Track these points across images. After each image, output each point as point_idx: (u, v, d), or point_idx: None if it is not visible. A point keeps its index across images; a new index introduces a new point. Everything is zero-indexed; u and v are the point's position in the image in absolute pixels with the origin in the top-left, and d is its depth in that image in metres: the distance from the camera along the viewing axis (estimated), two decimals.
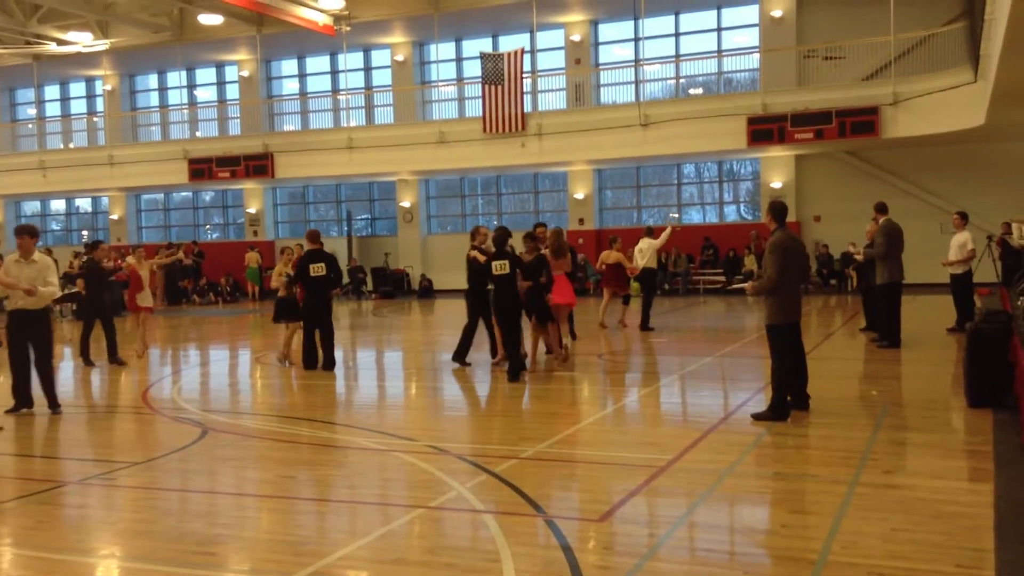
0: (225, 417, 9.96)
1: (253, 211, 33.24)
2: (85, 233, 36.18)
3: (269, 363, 14.44)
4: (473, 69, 29.22)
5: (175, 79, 34.05)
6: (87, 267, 15.26)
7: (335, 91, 32.16)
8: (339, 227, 32.86)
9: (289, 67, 33.63)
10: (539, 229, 13.71)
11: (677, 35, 28.15)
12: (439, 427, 9.31)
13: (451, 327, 14.60)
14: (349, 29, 27.69)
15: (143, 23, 29.33)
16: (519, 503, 6.22)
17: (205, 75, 34.64)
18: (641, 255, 17.06)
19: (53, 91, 37.04)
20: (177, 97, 34.32)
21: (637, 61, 27.28)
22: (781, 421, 8.44)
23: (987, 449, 7.31)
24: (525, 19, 27.13)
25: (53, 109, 37.34)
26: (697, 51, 27.86)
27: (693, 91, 28.28)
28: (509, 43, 28.82)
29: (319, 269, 12.80)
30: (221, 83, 34.37)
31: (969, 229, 14.90)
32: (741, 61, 27.79)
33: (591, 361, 13.41)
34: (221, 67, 34.02)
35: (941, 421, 8.75)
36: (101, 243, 15.35)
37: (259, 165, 29.77)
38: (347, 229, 31.49)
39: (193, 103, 34.69)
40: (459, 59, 30.73)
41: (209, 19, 28.06)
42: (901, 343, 13.24)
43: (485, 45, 29.40)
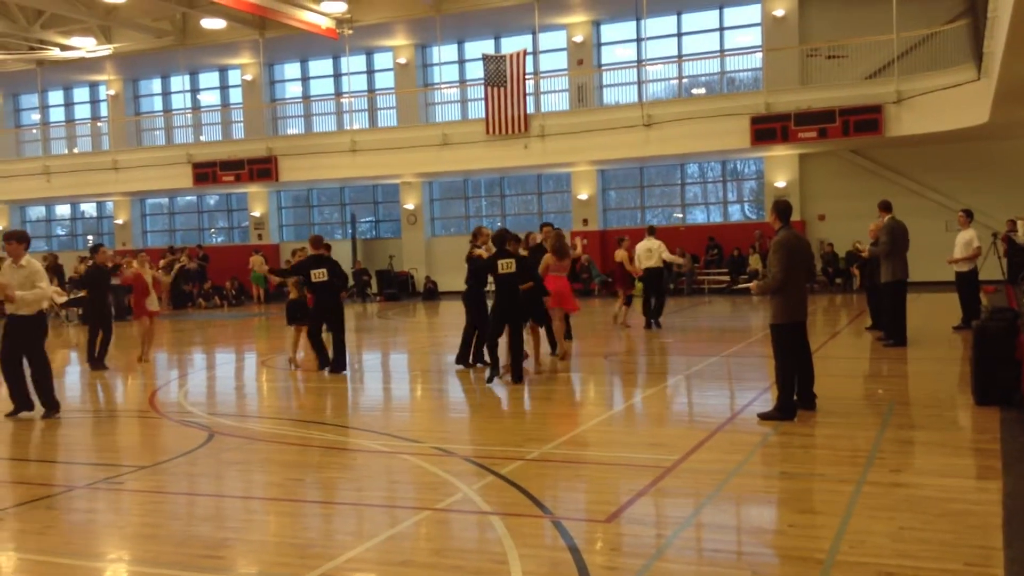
0: (232, 420, 9.97)
1: (257, 214, 33.30)
2: (90, 238, 36.24)
3: (275, 366, 14.46)
4: (476, 71, 29.23)
5: (178, 83, 34.15)
6: (89, 272, 15.27)
7: (338, 94, 32.20)
8: (343, 230, 32.89)
9: (292, 71, 33.68)
10: (545, 229, 13.96)
11: (679, 35, 28.14)
12: (445, 429, 9.31)
13: (456, 329, 14.54)
14: (351, 32, 27.72)
15: (146, 28, 29.42)
16: (526, 504, 6.22)
17: (208, 79, 34.71)
18: (649, 256, 17.04)
19: (57, 96, 37.14)
20: (181, 101, 34.42)
21: (640, 62, 27.27)
22: (788, 420, 8.43)
23: (994, 447, 7.29)
24: (527, 20, 27.15)
25: (57, 114, 37.42)
26: (699, 51, 27.87)
27: (696, 91, 28.27)
28: (511, 45, 28.85)
29: (320, 275, 12.75)
30: (224, 87, 34.43)
31: (974, 227, 14.90)
32: (744, 61, 27.76)
33: (596, 362, 13.40)
34: (224, 71, 34.09)
35: (948, 419, 8.72)
36: (102, 247, 15.33)
37: (263, 168, 29.85)
38: (351, 232, 31.53)
39: (197, 107, 34.77)
40: (462, 61, 30.76)
41: (212, 23, 28.13)
42: (907, 341, 13.23)
43: (487, 47, 29.43)
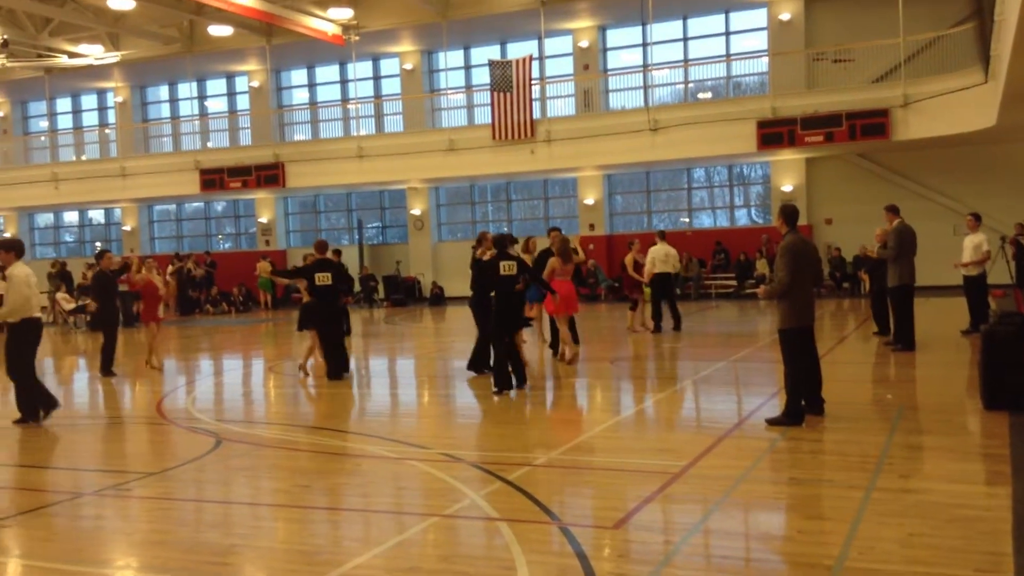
0: (239, 427, 9.98)
1: (265, 221, 33.37)
2: (98, 244, 36.36)
3: (282, 372, 14.47)
4: (482, 76, 29.25)
5: (186, 90, 34.27)
6: (95, 278, 15.29)
7: (345, 100, 32.27)
8: (350, 235, 32.95)
9: (299, 77, 33.78)
10: (553, 233, 14.15)
11: (685, 40, 28.15)
12: (452, 435, 9.31)
13: (463, 334, 14.62)
14: (358, 39, 27.78)
15: (153, 35, 29.53)
16: (533, 510, 6.21)
17: (216, 86, 34.83)
18: (666, 261, 17.01)
19: (65, 103, 37.31)
20: (188, 108, 34.53)
21: (646, 66, 27.27)
22: (796, 426, 8.40)
23: (1004, 452, 7.25)
24: (533, 26, 27.17)
25: (65, 121, 37.59)
26: (705, 55, 27.87)
27: (702, 95, 28.26)
28: (517, 50, 28.89)
29: (324, 279, 12.80)
30: (231, 94, 34.56)
31: (982, 231, 14.84)
32: (750, 65, 27.74)
33: (602, 367, 13.39)
34: (231, 78, 34.21)
35: (957, 424, 8.69)
36: (108, 252, 15.33)
37: (270, 175, 29.90)
38: (358, 237, 31.58)
39: (204, 114, 34.84)
40: (468, 67, 30.81)
41: (219, 30, 28.21)
42: (915, 346, 13.18)
43: (493, 52, 29.46)
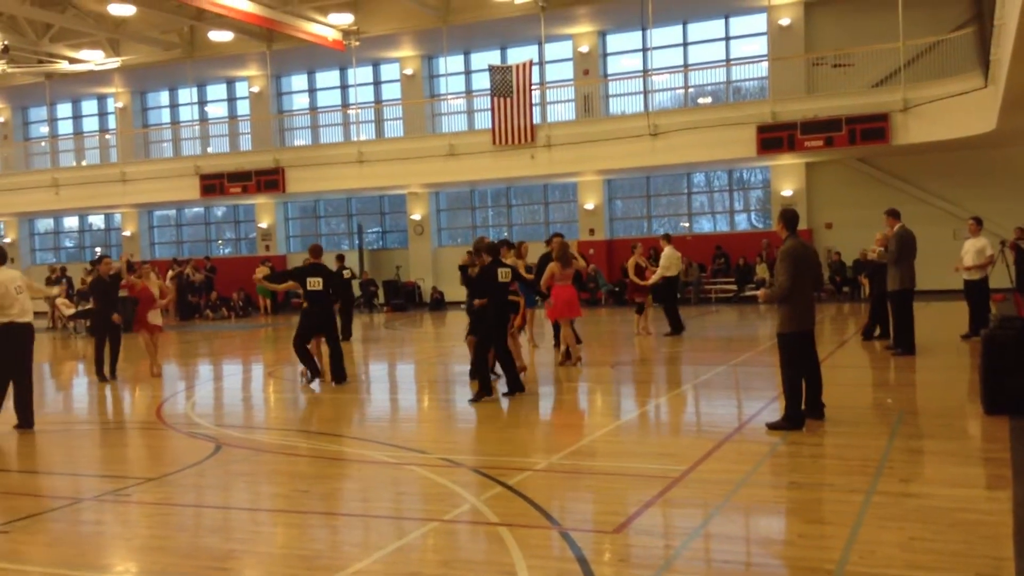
0: (239, 432, 9.96)
1: (265, 226, 33.39)
2: (98, 249, 36.38)
3: (282, 377, 14.47)
4: (482, 81, 29.30)
5: (186, 96, 34.32)
6: (92, 283, 15.29)
7: (345, 105, 32.31)
8: (350, 240, 32.96)
9: (299, 82, 33.84)
10: (556, 238, 14.34)
11: (685, 45, 28.20)
12: (452, 439, 9.30)
13: (462, 339, 14.48)
14: (358, 44, 27.84)
15: (154, 41, 29.59)
16: (533, 515, 6.20)
17: (216, 91, 34.87)
18: (677, 264, 17.40)
19: (65, 109, 37.37)
20: (188, 113, 34.58)
21: (645, 71, 27.31)
22: (796, 430, 8.39)
23: (1004, 456, 7.25)
24: (533, 31, 27.21)
25: (65, 127, 37.65)
26: (705, 60, 27.92)
27: (702, 100, 28.30)
28: (517, 55, 28.92)
29: (316, 283, 12.78)
30: (232, 99, 34.59)
31: (983, 235, 14.83)
32: (750, 70, 27.75)
33: (603, 371, 13.39)
34: (232, 83, 34.26)
35: (957, 428, 8.69)
36: (106, 258, 15.33)
37: (270, 180, 29.93)
38: (358, 242, 31.59)
39: (204, 119, 34.91)
40: (468, 72, 30.85)
41: (219, 36, 28.25)
42: (915, 350, 13.17)
43: (494, 57, 29.49)
